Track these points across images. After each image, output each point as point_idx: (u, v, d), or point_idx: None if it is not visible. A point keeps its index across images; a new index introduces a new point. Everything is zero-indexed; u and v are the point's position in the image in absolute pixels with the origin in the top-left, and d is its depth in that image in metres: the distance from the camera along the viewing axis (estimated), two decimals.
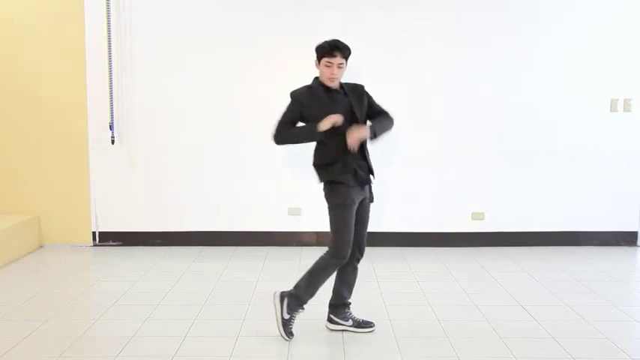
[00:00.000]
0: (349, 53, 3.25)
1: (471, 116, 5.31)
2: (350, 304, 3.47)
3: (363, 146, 3.26)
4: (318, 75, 3.33)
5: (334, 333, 3.41)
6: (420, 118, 5.31)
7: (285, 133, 3.27)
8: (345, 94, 3.31)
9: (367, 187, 3.34)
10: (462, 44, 5.25)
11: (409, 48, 5.25)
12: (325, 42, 3.23)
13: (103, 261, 4.97)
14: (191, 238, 5.40)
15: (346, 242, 3.23)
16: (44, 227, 5.38)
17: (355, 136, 3.13)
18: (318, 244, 5.30)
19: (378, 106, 3.41)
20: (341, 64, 3.21)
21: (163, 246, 5.38)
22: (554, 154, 5.37)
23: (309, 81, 3.45)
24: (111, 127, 5.23)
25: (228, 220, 5.39)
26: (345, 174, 3.20)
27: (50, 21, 5.17)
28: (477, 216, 5.41)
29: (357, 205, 3.27)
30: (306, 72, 3.55)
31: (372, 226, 5.33)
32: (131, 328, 3.44)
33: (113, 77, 5.19)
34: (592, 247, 5.43)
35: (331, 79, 3.23)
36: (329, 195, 3.27)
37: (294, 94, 3.31)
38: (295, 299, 3.31)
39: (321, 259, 3.29)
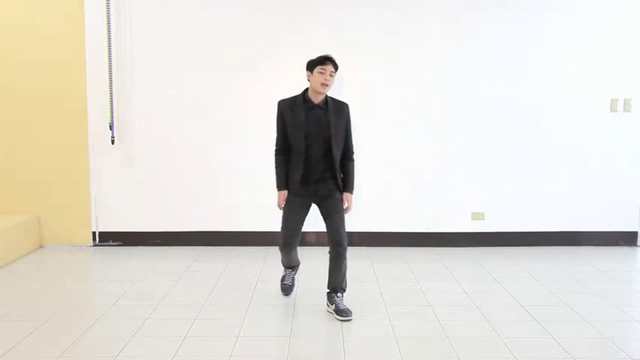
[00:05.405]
0: (337, 68, 3.60)
1: (470, 116, 5.31)
2: (329, 291, 3.76)
3: (328, 167, 3.64)
4: (307, 87, 3.62)
5: (334, 332, 3.41)
6: (420, 119, 5.31)
7: (276, 164, 3.78)
8: (327, 110, 3.61)
9: (321, 193, 3.69)
10: (462, 44, 5.25)
11: (409, 48, 5.25)
12: (318, 56, 3.59)
13: (103, 261, 4.97)
14: (191, 238, 5.40)
15: (284, 233, 3.80)
16: (44, 227, 5.38)
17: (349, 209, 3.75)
18: (318, 244, 5.30)
19: (349, 135, 3.71)
20: (332, 72, 3.55)
21: (163, 246, 5.38)
22: (554, 154, 5.37)
23: (307, 82, 3.53)
24: (111, 127, 5.23)
25: (228, 220, 5.39)
26: (292, 186, 3.72)
27: (50, 21, 5.17)
28: (477, 216, 5.41)
29: (297, 206, 3.74)
30: (303, 73, 3.58)
31: (372, 226, 5.42)
32: (131, 328, 3.44)
33: (113, 77, 5.19)
34: (592, 247, 5.43)
35: (324, 85, 3.55)
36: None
37: (279, 104, 3.68)
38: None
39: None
